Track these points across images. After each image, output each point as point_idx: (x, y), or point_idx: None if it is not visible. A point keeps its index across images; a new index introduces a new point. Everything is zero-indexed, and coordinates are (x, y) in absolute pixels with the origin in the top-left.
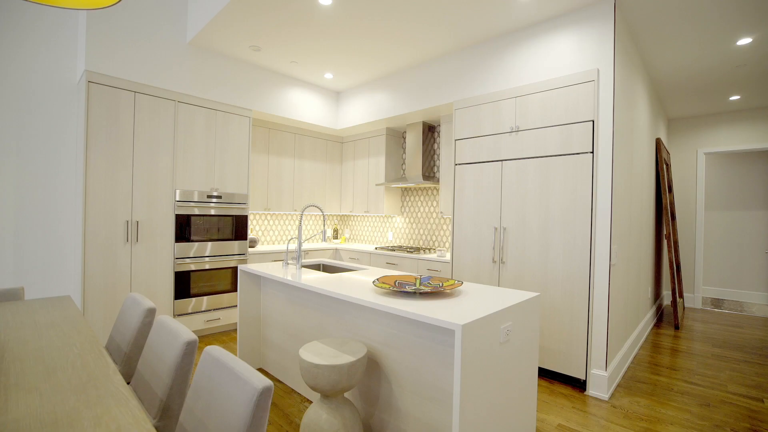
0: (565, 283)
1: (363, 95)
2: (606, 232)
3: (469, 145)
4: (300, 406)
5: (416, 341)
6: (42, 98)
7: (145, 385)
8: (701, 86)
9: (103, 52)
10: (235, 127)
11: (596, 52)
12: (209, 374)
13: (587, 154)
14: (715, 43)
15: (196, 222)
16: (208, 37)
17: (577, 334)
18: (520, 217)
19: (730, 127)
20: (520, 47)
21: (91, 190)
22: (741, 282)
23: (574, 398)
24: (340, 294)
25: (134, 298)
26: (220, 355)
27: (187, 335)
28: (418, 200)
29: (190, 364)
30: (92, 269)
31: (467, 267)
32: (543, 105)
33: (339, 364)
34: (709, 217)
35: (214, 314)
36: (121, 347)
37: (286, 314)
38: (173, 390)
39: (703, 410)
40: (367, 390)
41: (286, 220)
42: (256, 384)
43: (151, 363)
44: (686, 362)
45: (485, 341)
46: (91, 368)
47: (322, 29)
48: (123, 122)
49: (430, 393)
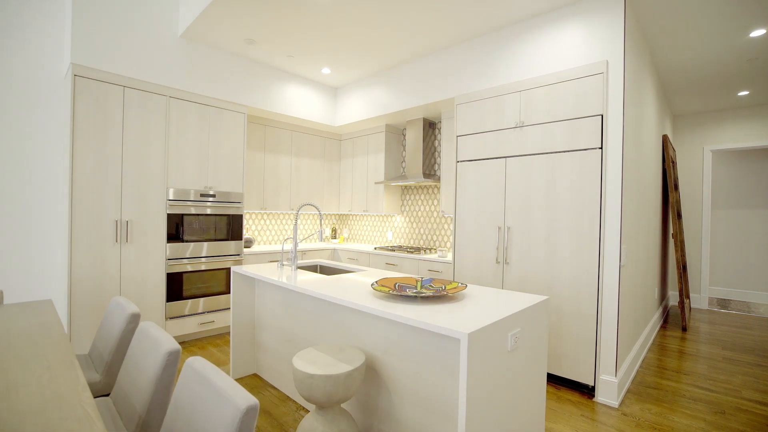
0: (572, 284)
1: (361, 91)
2: (615, 232)
3: (472, 142)
4: (295, 414)
5: (418, 349)
6: (26, 93)
7: (124, 398)
8: (710, 81)
9: (89, 44)
10: (230, 124)
11: (605, 42)
12: (190, 389)
13: (596, 150)
14: (726, 35)
15: (189, 221)
16: (200, 29)
17: (584, 338)
18: (525, 215)
19: (738, 124)
20: (524, 39)
21: (77, 189)
22: (748, 282)
23: (583, 405)
24: (336, 298)
25: (118, 302)
26: (202, 368)
27: (169, 344)
28: (418, 199)
29: (172, 376)
30: (79, 271)
31: (470, 268)
32: (549, 99)
33: (335, 373)
34: (716, 215)
35: (208, 317)
36: (103, 355)
37: (280, 318)
38: (153, 405)
39: (717, 418)
40: (366, 400)
41: (283, 219)
42: (239, 403)
43: (132, 374)
44: (697, 366)
45: (492, 350)
46: (58, 384)
47: (318, 21)
48: (111, 118)
49: (433, 404)
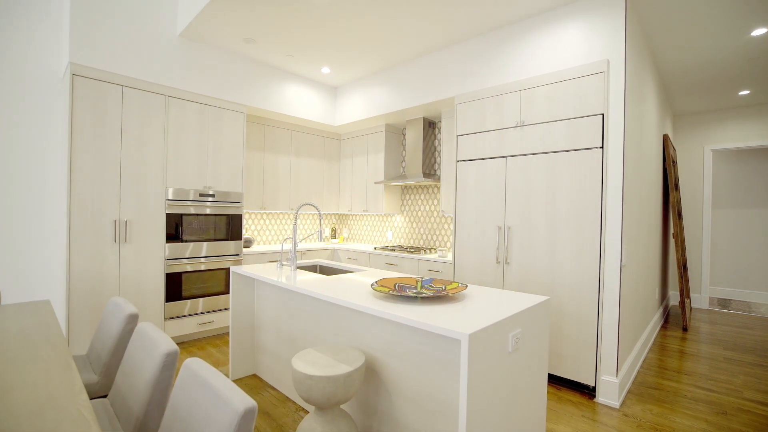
0: (573, 284)
1: (361, 90)
2: (616, 232)
3: (472, 141)
4: (294, 415)
5: (418, 349)
6: (24, 92)
7: (121, 399)
8: (710, 80)
9: (88, 43)
10: (229, 123)
11: (606, 41)
12: (188, 391)
13: (596, 150)
14: (728, 34)
15: (188, 221)
16: (199, 28)
17: (585, 338)
18: (526, 215)
19: (738, 123)
20: (525, 38)
21: (76, 188)
22: (748, 282)
23: (583, 406)
24: (335, 298)
25: (116, 302)
26: (199, 370)
27: (167, 345)
28: (418, 199)
29: (170, 378)
30: (78, 271)
31: (470, 268)
32: (549, 98)
33: (334, 375)
34: (716, 215)
35: (208, 317)
36: (101, 356)
37: (280, 318)
38: (151, 406)
39: (719, 419)
40: (366, 401)
41: (283, 219)
42: (237, 405)
43: (129, 375)
44: (698, 366)
45: (493, 351)
46: (54, 385)
47: (318, 20)
48: (110, 117)
49: (433, 405)
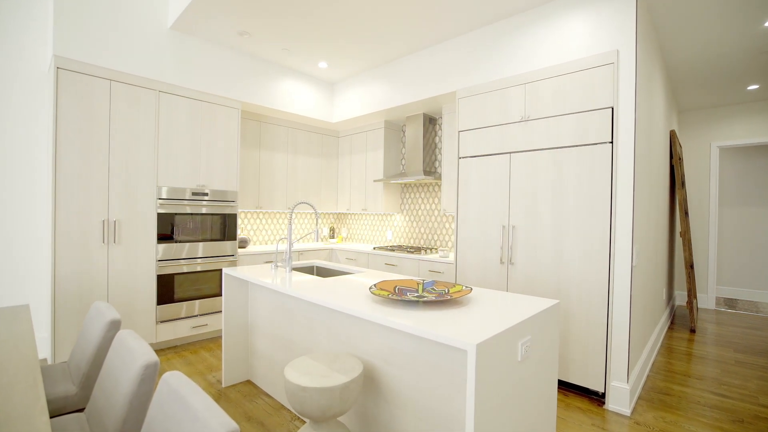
0: (581, 286)
1: (360, 86)
2: (627, 230)
3: (474, 137)
4: (289, 425)
5: (420, 357)
6: (6, 86)
7: (97, 415)
8: (719, 73)
9: (73, 35)
10: (223, 120)
11: (615, 31)
12: (165, 409)
13: (606, 145)
14: (739, 25)
15: (181, 221)
16: (191, 20)
17: (594, 341)
18: (531, 213)
19: (746, 120)
20: (529, 29)
21: (62, 187)
22: (756, 281)
23: (593, 413)
24: (331, 303)
25: (98, 307)
26: (178, 386)
27: (146, 357)
28: (418, 197)
29: (148, 393)
30: (63, 273)
31: (472, 268)
32: (556, 91)
33: (330, 386)
34: (723, 213)
35: (202, 320)
36: (80, 366)
37: (275, 322)
38: (127, 425)
39: (736, 427)
40: (364, 412)
41: (279, 219)
42: (216, 429)
43: (106, 388)
44: (709, 370)
45: (502, 360)
46: (14, 404)
47: (315, 13)
48: (98, 113)
49: (437, 417)
